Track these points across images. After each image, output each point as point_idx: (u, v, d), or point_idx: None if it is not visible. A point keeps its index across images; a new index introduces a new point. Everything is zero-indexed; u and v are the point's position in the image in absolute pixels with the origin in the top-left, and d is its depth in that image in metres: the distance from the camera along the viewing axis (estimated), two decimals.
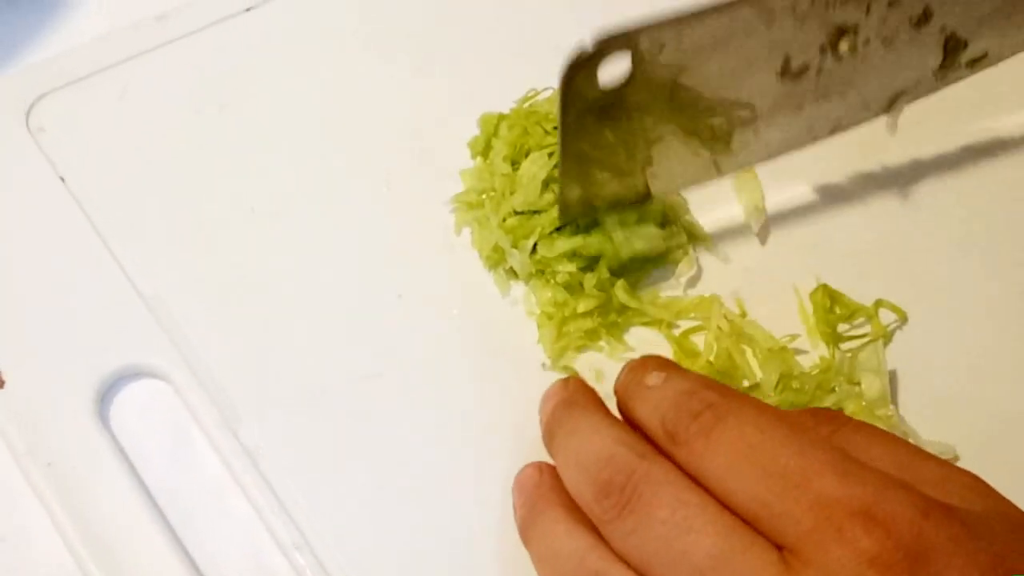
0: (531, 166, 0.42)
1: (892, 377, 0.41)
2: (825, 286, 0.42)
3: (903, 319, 0.42)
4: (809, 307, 0.42)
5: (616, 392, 0.36)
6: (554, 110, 0.44)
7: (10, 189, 0.44)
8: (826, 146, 0.43)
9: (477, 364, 0.41)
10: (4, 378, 0.39)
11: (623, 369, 0.36)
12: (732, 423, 0.31)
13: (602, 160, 0.39)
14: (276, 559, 0.37)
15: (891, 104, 0.41)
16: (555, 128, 0.44)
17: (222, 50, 0.48)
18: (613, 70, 0.36)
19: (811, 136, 0.42)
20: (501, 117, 0.45)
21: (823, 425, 0.33)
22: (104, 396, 0.39)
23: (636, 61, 0.36)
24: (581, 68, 0.36)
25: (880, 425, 0.39)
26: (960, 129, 0.47)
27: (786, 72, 0.38)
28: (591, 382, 0.39)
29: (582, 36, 0.36)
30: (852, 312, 0.42)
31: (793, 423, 0.31)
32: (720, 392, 0.33)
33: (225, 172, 0.45)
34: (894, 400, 0.40)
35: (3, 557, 0.37)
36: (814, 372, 0.40)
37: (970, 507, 0.29)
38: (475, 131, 0.45)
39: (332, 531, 0.37)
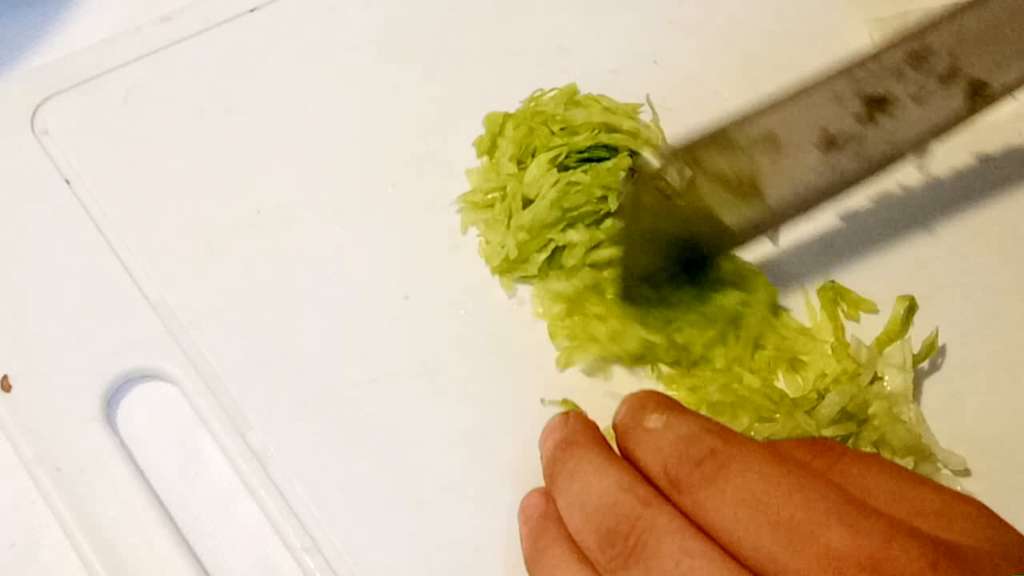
0: (542, 182, 0.42)
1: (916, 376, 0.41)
2: (833, 282, 0.42)
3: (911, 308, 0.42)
4: (816, 302, 0.42)
5: (616, 430, 0.36)
6: (557, 101, 0.45)
7: (15, 192, 0.43)
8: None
9: (485, 365, 0.41)
10: (11, 383, 0.39)
11: (622, 404, 0.36)
12: (735, 471, 0.31)
13: (656, 248, 0.40)
14: (285, 562, 0.37)
15: (919, 146, 0.42)
16: (562, 129, 0.44)
17: (227, 52, 0.48)
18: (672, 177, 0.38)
19: (847, 187, 0.43)
20: (507, 116, 0.45)
21: (821, 458, 0.33)
22: (111, 400, 0.39)
23: (695, 166, 0.38)
24: (645, 179, 0.38)
25: (901, 423, 0.38)
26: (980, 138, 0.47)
27: (823, 142, 0.40)
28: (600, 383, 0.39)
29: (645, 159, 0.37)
30: (858, 307, 0.42)
31: (797, 467, 0.31)
32: (722, 437, 0.32)
33: (231, 174, 0.44)
34: (916, 399, 0.40)
35: (13, 562, 0.37)
36: (840, 378, 0.40)
37: (975, 542, 0.29)
38: (481, 130, 0.45)
39: (341, 534, 0.37)
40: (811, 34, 0.51)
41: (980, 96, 0.41)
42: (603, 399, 0.40)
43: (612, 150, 0.44)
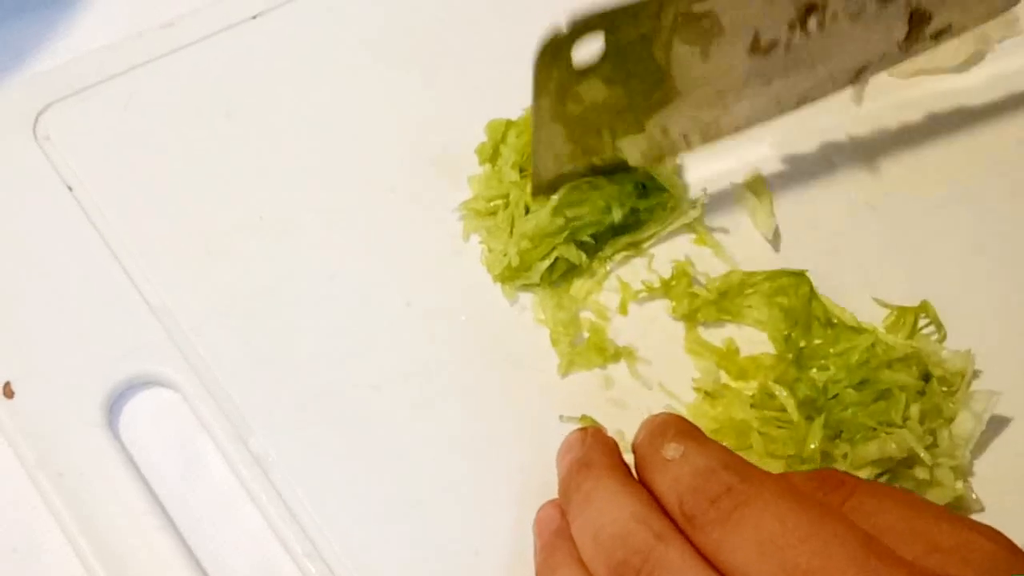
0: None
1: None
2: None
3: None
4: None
5: (635, 454, 0.35)
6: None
7: (17, 198, 0.44)
8: (838, 152, 0.42)
9: (486, 370, 0.41)
10: (13, 388, 0.39)
11: (642, 426, 0.35)
12: (751, 511, 0.30)
13: (572, 137, 0.39)
14: (286, 567, 0.37)
15: (857, 76, 0.41)
16: None
17: (229, 58, 0.48)
18: (586, 50, 0.37)
19: (779, 109, 0.42)
20: (509, 124, 0.45)
21: (835, 492, 0.32)
22: (113, 406, 0.39)
23: (608, 40, 0.37)
24: (555, 50, 0.36)
25: (949, 472, 0.38)
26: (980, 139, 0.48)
27: (756, 48, 0.39)
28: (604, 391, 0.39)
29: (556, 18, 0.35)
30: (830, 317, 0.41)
31: (814, 508, 0.30)
32: (739, 474, 0.31)
33: (233, 180, 0.45)
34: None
35: (15, 567, 0.37)
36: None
37: None
38: (482, 137, 0.45)
39: (342, 540, 0.37)
40: None
41: (921, 28, 0.40)
42: (605, 406, 0.40)
43: None
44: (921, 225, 0.46)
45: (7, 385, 0.39)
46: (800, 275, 0.41)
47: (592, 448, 0.36)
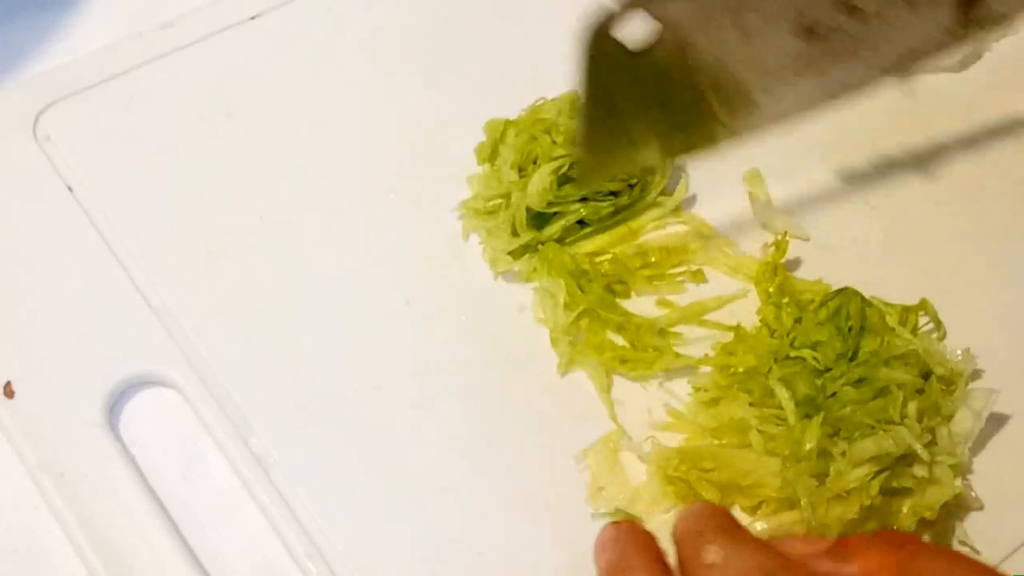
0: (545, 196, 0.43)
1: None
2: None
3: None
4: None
5: (676, 549, 0.35)
6: (559, 110, 0.45)
7: (18, 199, 0.44)
8: (837, 152, 0.42)
9: (486, 370, 0.41)
10: (14, 389, 0.39)
11: (679, 519, 0.35)
12: None
13: (619, 127, 0.38)
14: (287, 567, 0.37)
15: (903, 64, 0.40)
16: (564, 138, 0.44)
17: (228, 58, 0.48)
18: (634, 32, 0.36)
19: (825, 98, 0.41)
20: (507, 123, 0.45)
21: (898, 551, 0.32)
22: (114, 405, 0.39)
23: (657, 21, 0.36)
24: (605, 29, 0.35)
25: (948, 470, 0.38)
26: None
27: (801, 30, 0.38)
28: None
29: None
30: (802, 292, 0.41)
31: None
32: (784, 574, 0.32)
33: (233, 180, 0.45)
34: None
35: (17, 568, 0.37)
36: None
37: None
38: (481, 137, 0.45)
39: (342, 539, 0.37)
40: None
41: (974, 10, 0.40)
42: (603, 406, 0.40)
43: None
44: (920, 224, 0.46)
45: (8, 385, 0.39)
46: (848, 292, 0.41)
47: (629, 551, 0.35)
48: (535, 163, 0.44)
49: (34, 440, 0.38)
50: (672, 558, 0.34)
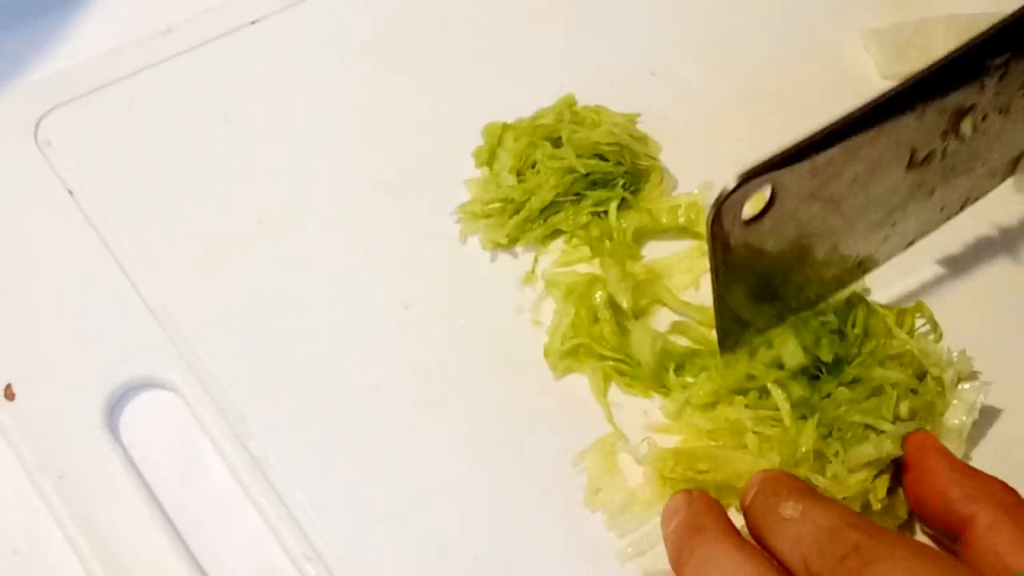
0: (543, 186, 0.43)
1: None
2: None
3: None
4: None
5: (746, 514, 0.35)
6: (558, 114, 0.45)
7: (19, 203, 0.44)
8: None
9: (484, 372, 0.41)
10: (15, 391, 0.39)
11: (750, 485, 0.35)
12: (883, 569, 0.30)
13: (753, 288, 0.39)
14: (286, 569, 0.37)
15: (1014, 167, 0.42)
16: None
17: (228, 63, 0.48)
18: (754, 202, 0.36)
19: (944, 215, 0.42)
20: (505, 127, 0.45)
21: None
22: (113, 408, 0.40)
23: (775, 189, 0.36)
24: (726, 206, 0.35)
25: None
26: None
27: (913, 163, 0.38)
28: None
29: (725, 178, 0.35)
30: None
31: (946, 563, 0.30)
32: (866, 531, 0.31)
33: (232, 184, 0.45)
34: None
35: (16, 569, 0.37)
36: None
37: None
38: (479, 141, 0.46)
39: (341, 541, 0.37)
40: (806, 45, 0.51)
41: None
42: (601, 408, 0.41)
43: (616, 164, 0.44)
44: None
45: (8, 387, 0.39)
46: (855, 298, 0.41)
47: (700, 511, 0.35)
48: (533, 167, 0.44)
49: (34, 442, 0.38)
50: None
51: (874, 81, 0.50)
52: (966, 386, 0.39)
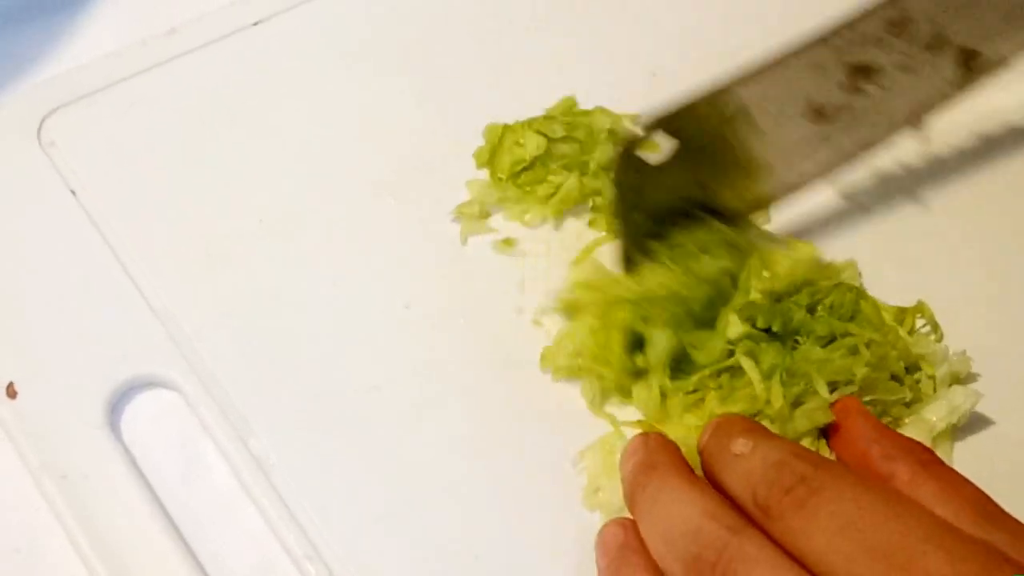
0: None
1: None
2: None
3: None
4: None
5: (701, 455, 0.35)
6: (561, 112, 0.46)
7: (22, 203, 0.44)
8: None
9: (485, 373, 0.41)
10: (16, 390, 0.40)
11: (706, 428, 0.36)
12: (827, 497, 0.30)
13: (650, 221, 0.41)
14: (287, 569, 0.37)
15: (916, 117, 0.42)
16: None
17: (231, 64, 0.48)
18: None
19: (844, 159, 0.43)
20: (506, 128, 0.45)
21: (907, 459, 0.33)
22: (115, 407, 0.40)
23: (677, 135, 0.39)
24: (629, 151, 0.38)
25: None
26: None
27: (811, 113, 0.40)
28: None
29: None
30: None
31: (890, 493, 0.31)
32: (812, 463, 0.32)
33: (234, 185, 0.45)
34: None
35: (18, 569, 0.37)
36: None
37: None
38: (480, 142, 0.46)
39: (343, 542, 0.37)
40: None
41: (972, 65, 0.41)
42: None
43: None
44: (918, 226, 0.46)
45: (10, 386, 0.40)
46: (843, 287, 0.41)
47: (655, 451, 0.36)
48: (532, 167, 0.44)
49: (36, 441, 0.38)
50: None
51: None
52: (957, 388, 0.40)
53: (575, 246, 0.44)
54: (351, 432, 0.40)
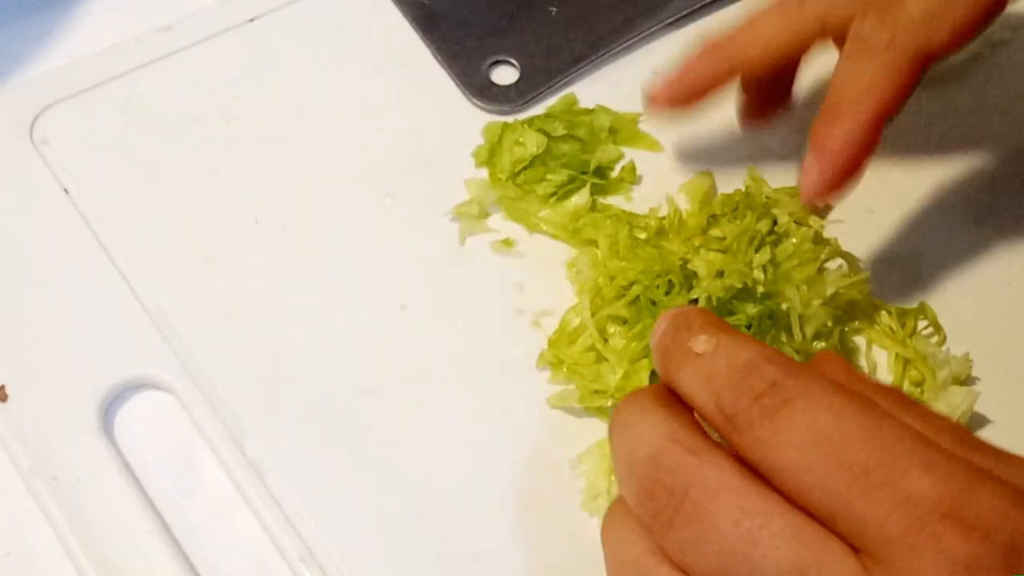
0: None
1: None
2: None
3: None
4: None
5: (655, 351, 0.31)
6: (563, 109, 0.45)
7: (14, 201, 0.44)
8: None
9: (482, 375, 0.41)
10: (8, 392, 0.39)
11: (661, 320, 0.31)
12: (800, 406, 0.27)
13: None
14: (281, 572, 0.37)
15: None
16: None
17: (226, 61, 0.48)
18: None
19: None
20: (505, 127, 0.45)
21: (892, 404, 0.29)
22: (108, 409, 0.39)
23: None
24: None
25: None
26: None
27: None
28: None
29: None
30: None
31: (868, 404, 0.27)
32: (783, 367, 0.28)
33: (229, 184, 0.45)
34: None
35: (8, 571, 0.37)
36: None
37: None
38: (479, 141, 0.45)
39: (337, 544, 0.37)
40: None
41: None
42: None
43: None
44: (919, 227, 0.45)
45: (2, 388, 0.39)
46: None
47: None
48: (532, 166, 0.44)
49: (28, 444, 0.38)
50: None
51: None
52: (956, 388, 0.39)
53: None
54: (346, 434, 0.39)
